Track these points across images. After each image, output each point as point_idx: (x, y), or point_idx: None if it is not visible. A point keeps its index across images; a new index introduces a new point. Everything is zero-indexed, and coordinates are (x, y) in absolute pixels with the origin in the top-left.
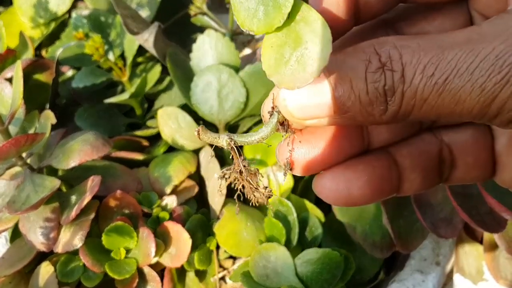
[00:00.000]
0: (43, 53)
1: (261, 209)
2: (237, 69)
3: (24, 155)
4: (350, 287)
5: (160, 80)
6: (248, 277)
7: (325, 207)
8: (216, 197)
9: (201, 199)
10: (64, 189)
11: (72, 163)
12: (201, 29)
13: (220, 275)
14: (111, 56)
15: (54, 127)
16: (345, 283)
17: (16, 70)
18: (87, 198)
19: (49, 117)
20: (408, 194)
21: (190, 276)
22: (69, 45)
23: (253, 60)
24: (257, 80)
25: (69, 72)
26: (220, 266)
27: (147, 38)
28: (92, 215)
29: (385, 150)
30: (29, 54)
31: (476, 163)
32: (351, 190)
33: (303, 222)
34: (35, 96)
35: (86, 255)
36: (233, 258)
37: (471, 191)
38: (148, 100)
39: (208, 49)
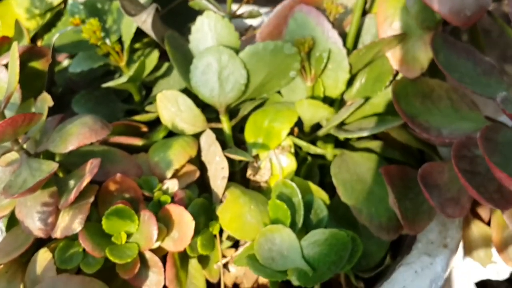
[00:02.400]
0: (39, 43)
1: (264, 193)
2: (237, 51)
3: (20, 140)
4: (357, 273)
5: (158, 68)
6: (253, 260)
7: (330, 191)
8: (218, 180)
9: (203, 184)
10: (61, 174)
11: (70, 146)
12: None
13: (224, 261)
14: (108, 42)
15: (50, 114)
16: (352, 267)
17: (12, 52)
18: (87, 179)
19: (46, 100)
20: None
21: (193, 263)
22: (66, 30)
23: (253, 42)
24: (258, 61)
25: (65, 62)
26: (223, 256)
27: (145, 19)
28: (92, 199)
29: None
30: (24, 43)
31: None
32: None
33: (308, 204)
34: (31, 84)
35: (86, 239)
36: (235, 247)
37: (478, 170)
38: (146, 88)
39: (208, 31)
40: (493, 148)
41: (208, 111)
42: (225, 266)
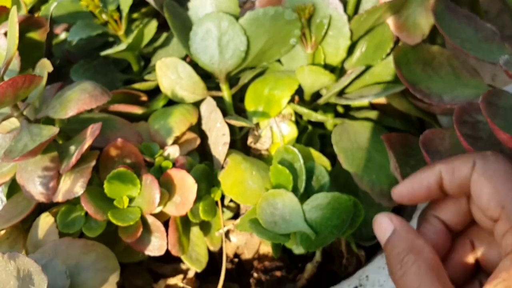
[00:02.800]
0: (36, 15)
1: (265, 161)
2: (237, 18)
3: (20, 106)
4: (358, 241)
5: (156, 39)
6: (256, 223)
7: (331, 158)
8: (219, 146)
9: (203, 153)
10: (61, 142)
11: (70, 112)
12: None
13: (226, 228)
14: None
15: (49, 83)
16: (353, 235)
17: (11, 17)
18: (88, 142)
19: (45, 65)
20: None
21: (194, 231)
22: None
23: (253, 9)
24: (258, 28)
25: (63, 35)
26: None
27: None
28: (93, 163)
29: None
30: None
31: None
32: None
33: (309, 171)
34: (29, 55)
35: (88, 202)
36: (236, 218)
37: (480, 135)
38: (145, 59)
39: None
40: (494, 112)
41: (208, 81)
42: (226, 236)
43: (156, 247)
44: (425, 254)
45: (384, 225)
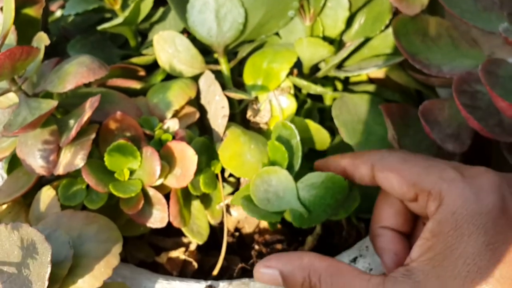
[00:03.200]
0: None
1: (265, 134)
2: None
3: (18, 80)
4: (358, 214)
5: (152, 14)
6: (248, 201)
7: (330, 132)
8: (218, 119)
9: (202, 128)
10: (60, 116)
11: (69, 85)
12: None
13: (226, 202)
14: None
15: (46, 60)
16: (351, 214)
17: None
18: (87, 114)
19: (42, 39)
20: None
21: (195, 204)
22: None
23: None
24: (256, 0)
25: (58, 12)
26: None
27: None
28: (93, 135)
29: None
30: None
31: None
32: None
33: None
34: (25, 32)
35: (89, 175)
36: (235, 191)
37: (479, 104)
38: (142, 35)
39: None
40: (494, 81)
41: (207, 55)
42: (227, 210)
43: (157, 219)
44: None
45: (268, 275)
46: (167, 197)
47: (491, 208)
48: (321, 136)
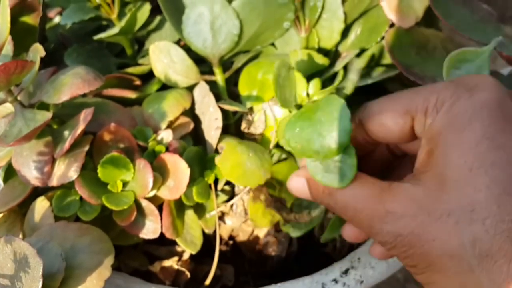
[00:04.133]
0: None
1: (261, 144)
2: (230, 1)
3: (14, 91)
4: None
5: (149, 22)
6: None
7: None
8: (212, 131)
9: (197, 138)
10: (56, 126)
11: (64, 97)
12: None
13: (219, 210)
14: None
15: (44, 67)
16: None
17: (2, 1)
18: (81, 127)
19: (38, 50)
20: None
21: (189, 214)
22: None
23: None
24: (251, 11)
25: (56, 19)
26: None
27: None
28: (86, 147)
29: None
30: None
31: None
32: None
33: None
34: (22, 40)
35: (82, 187)
36: (230, 200)
37: None
38: (139, 43)
39: None
40: None
41: (202, 65)
42: (221, 219)
43: (150, 230)
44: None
45: (296, 182)
46: (160, 207)
47: (485, 102)
48: None
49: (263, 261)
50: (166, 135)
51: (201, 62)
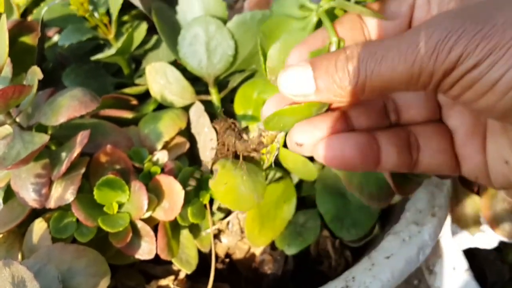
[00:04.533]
0: (29, 18)
1: (256, 163)
2: (225, 21)
3: (12, 113)
4: (346, 243)
5: (147, 41)
6: None
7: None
8: (207, 151)
9: (192, 157)
10: (54, 147)
11: (61, 119)
12: None
13: (214, 228)
14: (97, 15)
15: (42, 89)
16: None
17: (0, 24)
18: (77, 151)
19: (36, 73)
20: (387, 169)
21: (184, 233)
22: (54, 3)
23: (241, 12)
24: (246, 32)
25: (55, 37)
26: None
27: None
28: (83, 170)
29: (365, 131)
30: (14, 18)
31: (439, 148)
32: (344, 151)
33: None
34: (21, 59)
35: (78, 209)
36: (226, 217)
37: None
38: (136, 61)
39: (195, 1)
40: None
41: (198, 84)
42: (217, 237)
43: (146, 251)
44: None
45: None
46: (156, 228)
47: None
48: (308, 169)
49: (259, 279)
50: (161, 156)
51: (197, 80)
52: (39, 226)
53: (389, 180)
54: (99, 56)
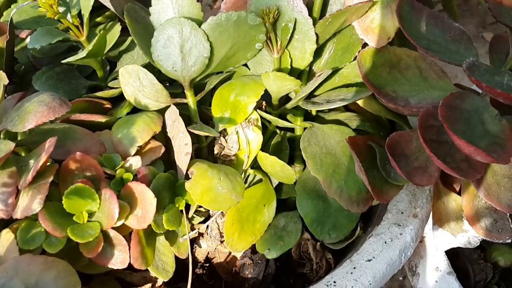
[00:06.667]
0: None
1: (234, 166)
2: (200, 23)
3: None
4: (327, 245)
5: (121, 42)
6: None
7: (301, 163)
8: (182, 156)
9: (169, 161)
10: (23, 154)
11: (28, 125)
12: None
13: (191, 234)
14: (69, 17)
15: (14, 92)
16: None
17: None
18: (43, 159)
19: (1, 78)
20: None
21: (161, 240)
22: (23, 5)
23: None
24: (222, 33)
25: (28, 39)
26: (193, 230)
27: None
28: (51, 178)
29: None
30: None
31: None
32: None
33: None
34: None
35: (46, 220)
36: (205, 221)
37: (445, 139)
38: (111, 63)
39: (168, 2)
40: (457, 116)
41: (174, 86)
42: (196, 242)
43: (119, 260)
44: None
45: None
46: (130, 235)
47: None
48: (286, 173)
49: (240, 284)
50: (135, 162)
51: (174, 83)
52: (5, 237)
53: (366, 183)
54: (70, 59)
